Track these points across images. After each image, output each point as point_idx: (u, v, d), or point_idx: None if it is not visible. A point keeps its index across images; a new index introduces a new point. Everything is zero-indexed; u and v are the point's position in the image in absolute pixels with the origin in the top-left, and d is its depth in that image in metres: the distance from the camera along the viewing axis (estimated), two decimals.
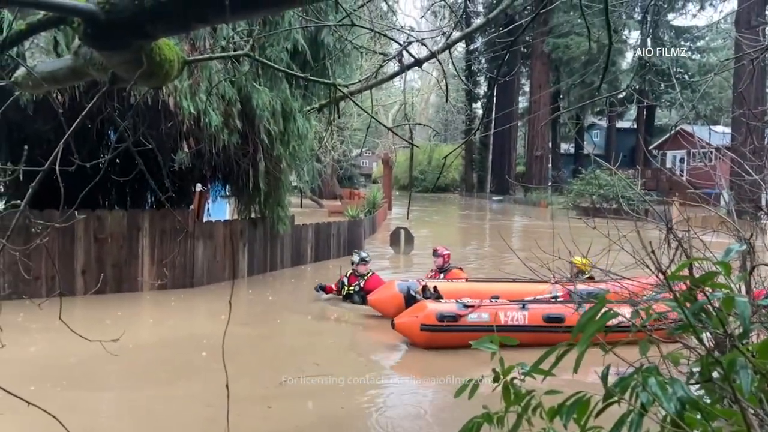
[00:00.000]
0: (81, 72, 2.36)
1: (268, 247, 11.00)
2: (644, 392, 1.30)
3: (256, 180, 9.12)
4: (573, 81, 33.65)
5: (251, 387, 5.12)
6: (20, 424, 4.07)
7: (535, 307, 6.51)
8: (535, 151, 41.31)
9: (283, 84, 8.80)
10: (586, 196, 26.68)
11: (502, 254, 13.68)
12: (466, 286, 7.94)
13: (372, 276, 8.69)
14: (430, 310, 6.33)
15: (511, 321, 6.34)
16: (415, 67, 3.20)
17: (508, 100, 43.86)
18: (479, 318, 6.27)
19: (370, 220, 18.48)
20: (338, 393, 5.15)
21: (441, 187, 54.53)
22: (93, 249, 8.74)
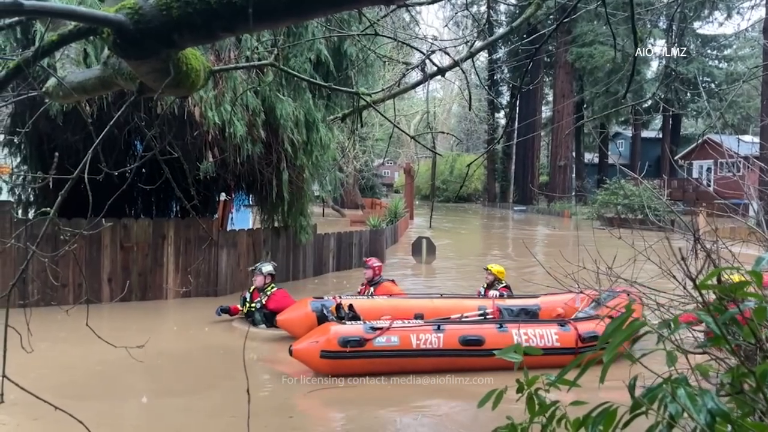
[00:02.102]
0: (110, 82, 2.41)
1: (290, 256, 11.05)
2: (673, 403, 1.27)
3: (279, 189, 9.19)
4: (597, 90, 33.41)
5: (273, 397, 5.12)
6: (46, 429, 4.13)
7: (451, 328, 5.88)
8: (559, 161, 40.98)
9: (307, 94, 8.87)
10: (610, 207, 26.37)
11: (525, 266, 13.57)
12: (388, 303, 7.24)
13: (276, 292, 7.56)
14: (331, 334, 5.55)
15: (424, 344, 5.64)
16: (438, 76, 3.20)
17: (531, 110, 43.64)
18: (388, 342, 5.56)
19: (392, 230, 18.47)
20: (365, 402, 5.11)
21: (463, 197, 54.38)
22: (119, 257, 8.87)
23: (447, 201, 52.92)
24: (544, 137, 50.07)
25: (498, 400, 1.95)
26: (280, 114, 8.38)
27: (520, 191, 48.09)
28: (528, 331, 5.90)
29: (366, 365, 5.48)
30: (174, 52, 1.83)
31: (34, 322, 6.54)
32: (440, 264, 14.38)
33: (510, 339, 5.72)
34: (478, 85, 41.93)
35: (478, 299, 7.52)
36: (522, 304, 7.45)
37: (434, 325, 5.87)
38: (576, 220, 29.00)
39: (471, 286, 11.27)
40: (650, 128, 48.19)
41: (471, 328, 5.94)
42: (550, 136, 45.36)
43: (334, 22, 4.68)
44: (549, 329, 5.98)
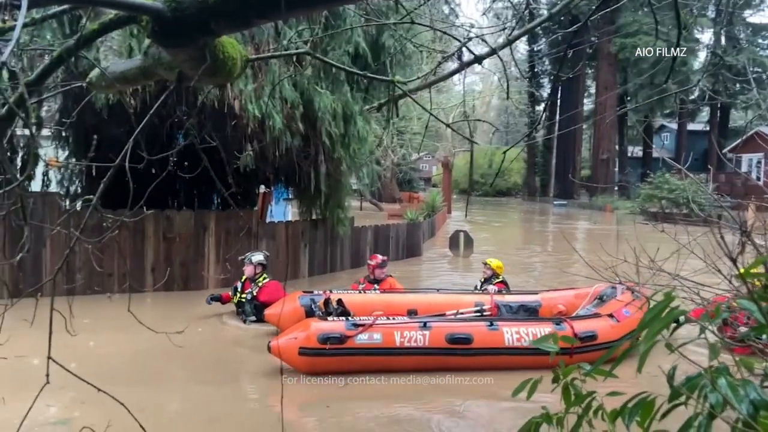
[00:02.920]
0: (150, 72, 2.45)
1: (328, 248, 11.13)
2: (714, 393, 1.23)
3: (317, 182, 9.26)
4: (641, 82, 32.57)
5: (312, 387, 5.15)
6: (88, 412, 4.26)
7: (438, 325, 5.61)
8: (601, 155, 40.13)
9: (345, 87, 8.89)
10: (654, 201, 25.74)
11: (564, 260, 13.37)
12: (381, 299, 7.00)
13: (267, 283, 7.33)
14: (311, 330, 5.34)
15: (408, 342, 5.40)
16: (475, 64, 3.16)
17: (572, 102, 42.82)
18: (370, 339, 5.34)
19: (429, 224, 18.41)
20: (403, 394, 5.10)
21: (502, 191, 53.82)
22: (162, 248, 9.09)
23: (485, 195, 52.44)
24: (586, 130, 49.10)
25: (533, 390, 1.93)
26: (319, 107, 8.42)
27: (560, 185, 47.31)
28: (521, 330, 5.62)
29: (346, 363, 5.28)
30: (210, 40, 1.85)
31: (81, 310, 6.77)
32: (478, 258, 14.28)
33: (500, 338, 5.54)
34: (518, 77, 41.44)
35: (475, 295, 7.27)
36: (522, 301, 7.21)
37: (420, 322, 5.61)
38: (618, 214, 28.39)
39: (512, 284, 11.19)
40: (697, 120, 46.79)
41: (459, 325, 5.68)
42: (592, 129, 44.44)
43: (372, 14, 4.67)
44: (543, 328, 5.69)
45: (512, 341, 5.55)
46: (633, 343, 1.46)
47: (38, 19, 1.87)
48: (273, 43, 8.12)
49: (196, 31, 1.73)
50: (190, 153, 2.76)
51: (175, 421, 4.58)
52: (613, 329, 5.76)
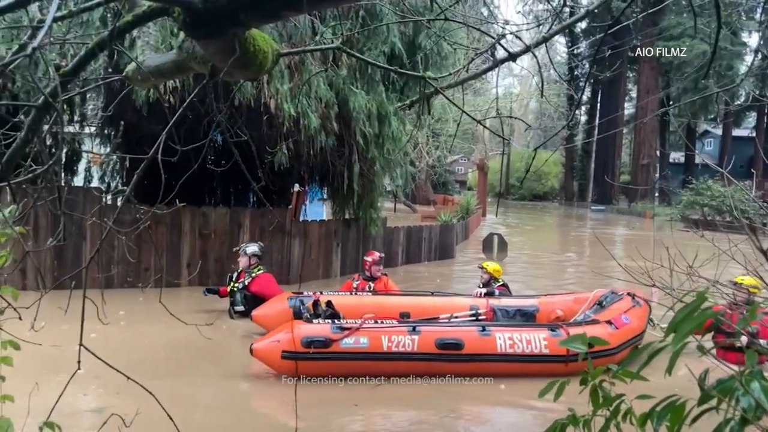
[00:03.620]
0: (184, 66, 2.49)
1: (360, 248, 11.15)
2: (746, 396, 1.18)
3: (350, 181, 9.29)
4: (685, 86, 31.80)
5: (343, 388, 5.11)
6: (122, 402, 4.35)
7: (428, 330, 5.41)
8: (642, 160, 39.31)
9: (380, 87, 8.91)
10: (696, 208, 25.08)
11: (599, 265, 13.12)
12: (373, 301, 6.79)
13: (261, 275, 7.23)
14: (295, 333, 5.17)
15: (396, 347, 5.21)
16: (510, 62, 3.12)
17: (613, 106, 42.04)
18: (356, 343, 5.15)
19: (463, 226, 18.30)
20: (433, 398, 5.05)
21: (539, 195, 53.18)
22: (198, 244, 9.24)
23: (522, 199, 51.90)
24: (627, 134, 48.19)
25: (560, 391, 1.89)
26: (353, 106, 8.45)
27: (599, 190, 46.52)
28: (514, 336, 5.42)
29: (331, 368, 5.12)
30: (240, 31, 1.87)
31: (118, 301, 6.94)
32: (512, 261, 14.13)
33: (492, 344, 5.35)
34: (557, 80, 40.87)
35: (471, 298, 7.04)
36: (519, 305, 6.98)
37: (409, 326, 5.42)
38: (658, 221, 27.75)
39: (542, 287, 11.04)
40: (743, 126, 45.45)
41: (450, 330, 5.49)
42: (633, 134, 43.58)
43: (408, 12, 4.67)
44: (538, 334, 5.49)
45: (505, 347, 5.35)
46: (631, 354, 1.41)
47: (75, 11, 1.92)
48: (310, 42, 8.19)
49: (227, 23, 1.75)
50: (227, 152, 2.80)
51: (204, 415, 4.64)
52: (610, 336, 5.55)
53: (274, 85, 7.66)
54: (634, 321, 5.93)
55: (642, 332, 6.01)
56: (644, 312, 6.28)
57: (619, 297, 6.51)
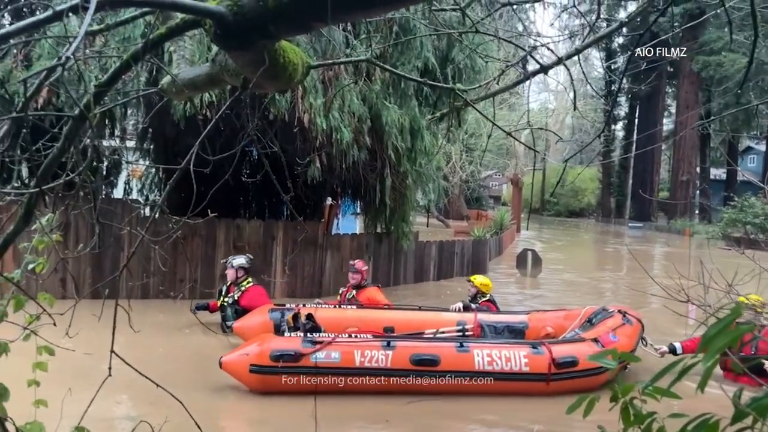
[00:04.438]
0: (217, 78, 2.54)
1: (392, 262, 11.14)
2: None
3: (382, 195, 9.31)
4: (726, 101, 31.07)
5: (375, 404, 5.03)
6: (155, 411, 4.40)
7: (403, 345, 5.24)
8: (681, 176, 38.46)
9: (412, 101, 8.94)
10: (738, 226, 24.38)
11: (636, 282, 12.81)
12: (356, 315, 6.59)
13: (250, 288, 7.08)
14: (264, 346, 5.04)
15: (369, 362, 5.03)
16: (541, 73, 3.10)
17: (651, 121, 41.39)
18: (327, 358, 4.98)
19: (497, 241, 18.14)
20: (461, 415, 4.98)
21: (575, 212, 52.50)
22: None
23: (558, 215, 51.27)
24: (666, 151, 47.26)
25: (590, 408, 1.84)
26: (386, 120, 8.49)
27: (637, 207, 45.66)
28: (492, 353, 5.24)
29: (300, 383, 4.96)
30: (270, 43, 1.89)
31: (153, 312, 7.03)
32: (546, 278, 13.93)
33: (470, 361, 5.17)
34: (594, 95, 40.37)
35: (459, 314, 6.82)
36: (508, 321, 6.78)
37: (384, 340, 5.27)
38: (698, 238, 27.04)
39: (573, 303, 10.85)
40: None
41: (426, 346, 5.35)
42: (672, 150, 42.71)
43: (440, 25, 4.68)
44: (518, 351, 5.31)
45: (483, 364, 5.18)
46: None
47: (111, 24, 1.98)
48: (343, 57, 8.28)
49: (256, 34, 1.77)
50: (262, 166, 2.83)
51: (232, 425, 4.66)
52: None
53: (308, 99, 7.75)
54: (623, 339, 5.70)
55: (631, 351, 5.72)
56: (635, 330, 6.03)
57: (609, 314, 6.27)
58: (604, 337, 5.60)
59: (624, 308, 6.44)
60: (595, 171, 52.89)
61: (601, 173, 51.52)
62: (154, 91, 2.97)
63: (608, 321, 6.06)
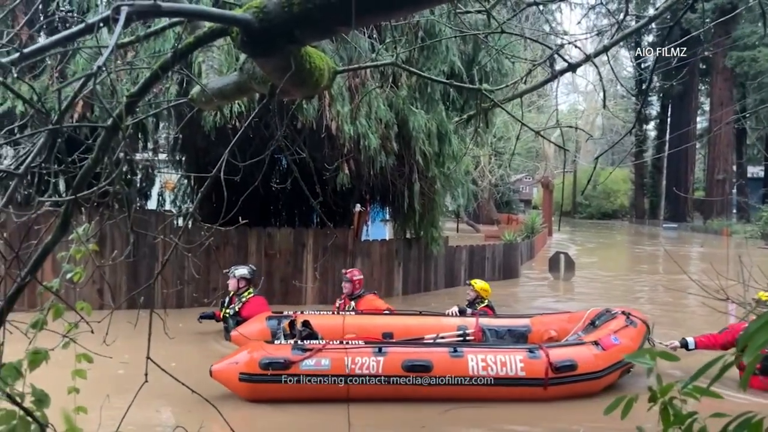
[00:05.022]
0: (245, 87, 2.57)
1: (422, 268, 11.12)
2: None
3: (411, 200, 9.30)
4: (762, 96, 30.28)
5: (412, 410, 4.98)
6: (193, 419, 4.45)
7: (395, 351, 5.14)
8: (717, 175, 37.57)
9: (439, 106, 8.93)
10: None
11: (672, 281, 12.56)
12: (355, 321, 6.46)
13: (252, 299, 6.98)
14: (253, 354, 4.97)
15: (360, 369, 4.94)
16: (569, 72, 3.07)
17: (684, 120, 40.58)
18: (317, 365, 4.90)
19: (528, 245, 17.96)
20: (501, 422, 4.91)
21: (608, 214, 51.66)
22: (263, 263, 9.45)
23: (590, 217, 50.53)
24: (700, 149, 46.24)
25: (628, 408, 1.80)
26: (413, 126, 8.50)
27: (671, 207, 44.73)
28: (488, 358, 5.12)
29: (290, 391, 4.88)
30: (296, 48, 1.91)
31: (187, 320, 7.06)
32: (580, 281, 13.72)
33: (464, 366, 5.05)
34: (624, 95, 39.75)
35: (460, 319, 6.69)
36: (510, 325, 6.62)
37: (375, 347, 5.17)
38: (736, 238, 26.36)
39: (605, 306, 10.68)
40: None
41: (419, 351, 5.23)
42: (707, 148, 41.78)
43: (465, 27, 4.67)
44: (514, 356, 5.18)
45: (477, 370, 5.05)
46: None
47: (142, 36, 2.02)
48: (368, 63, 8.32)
49: (282, 39, 1.80)
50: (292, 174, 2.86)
51: None
52: (596, 358, 5.25)
53: (335, 107, 7.81)
54: (625, 342, 5.53)
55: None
56: (639, 332, 5.85)
57: (612, 316, 6.10)
58: (605, 340, 5.46)
59: (629, 310, 6.28)
60: (627, 172, 52.03)
61: (633, 174, 50.63)
62: (184, 101, 3.04)
63: (611, 323, 5.90)
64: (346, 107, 7.94)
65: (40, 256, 1.99)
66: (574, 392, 5.12)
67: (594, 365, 5.22)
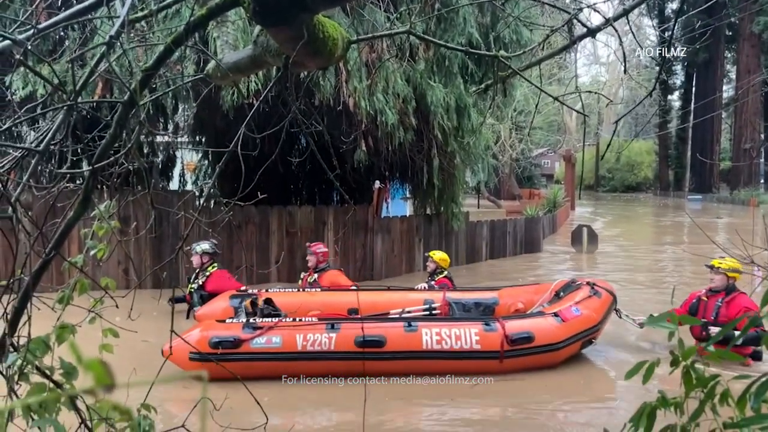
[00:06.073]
0: (259, 60, 2.56)
1: (443, 243, 11.11)
2: None
3: (430, 176, 9.25)
4: None
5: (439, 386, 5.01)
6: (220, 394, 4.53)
7: (348, 327, 5.10)
8: (744, 144, 36.77)
9: (458, 79, 8.82)
10: None
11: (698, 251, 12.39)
12: (320, 298, 6.37)
13: (214, 273, 6.88)
14: (203, 333, 4.93)
15: (312, 346, 4.93)
16: (589, 37, 3.00)
17: (710, 89, 39.62)
18: (268, 343, 4.87)
19: (550, 219, 17.82)
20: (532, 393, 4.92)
21: (631, 186, 51.01)
22: (285, 242, 9.53)
23: (614, 191, 49.94)
24: (726, 119, 45.23)
25: (649, 374, 1.79)
26: (431, 100, 8.41)
27: (697, 179, 43.96)
28: (442, 331, 5.11)
29: (241, 369, 4.63)
30: (308, 17, 1.90)
31: None
32: (603, 254, 13.60)
33: (418, 340, 5.04)
34: (647, 65, 38.89)
35: (427, 292, 6.64)
36: (477, 298, 6.53)
37: (328, 323, 5.14)
38: (764, 208, 25.84)
39: (631, 280, 10.60)
40: None
41: (372, 327, 5.17)
42: (733, 117, 40.83)
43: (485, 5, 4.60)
44: (469, 329, 5.14)
45: (431, 344, 5.04)
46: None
47: (154, 10, 2.02)
48: (387, 40, 8.24)
49: (294, 8, 1.78)
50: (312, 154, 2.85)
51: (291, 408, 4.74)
52: (554, 330, 5.19)
53: (352, 83, 7.76)
54: (587, 313, 5.46)
55: (596, 324, 5.49)
56: (603, 303, 5.75)
57: (577, 287, 6.01)
58: (565, 311, 5.40)
59: (595, 281, 6.21)
60: (651, 144, 51.18)
61: (657, 146, 49.79)
62: (200, 77, 3.04)
63: (576, 294, 5.82)
64: (363, 83, 7.88)
65: (63, 231, 2.02)
66: (532, 364, 5.11)
67: (552, 337, 5.19)
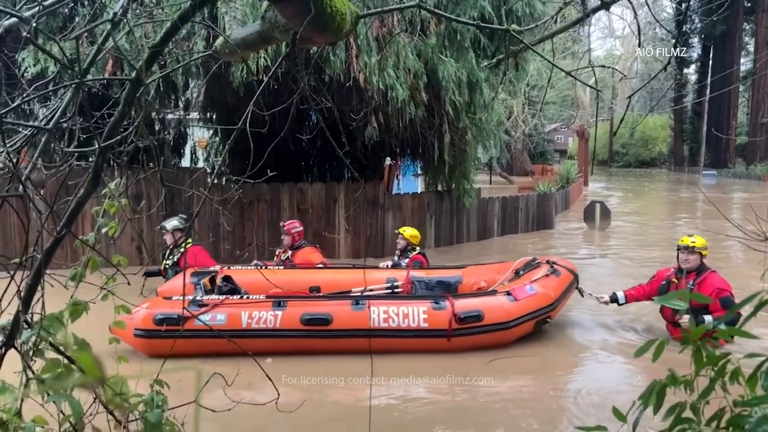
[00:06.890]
0: (267, 35, 2.54)
1: (454, 220, 11.09)
2: None
3: (441, 152, 9.19)
4: None
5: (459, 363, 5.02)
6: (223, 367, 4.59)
7: (295, 304, 5.13)
8: (761, 118, 36.15)
9: (469, 54, 8.71)
10: None
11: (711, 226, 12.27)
12: (281, 277, 6.26)
13: (189, 249, 6.75)
14: (149, 310, 4.93)
15: (257, 323, 4.95)
16: (603, 9, 2.94)
17: (727, 62, 38.87)
18: (213, 320, 4.90)
19: (563, 195, 17.70)
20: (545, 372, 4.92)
21: (646, 162, 50.40)
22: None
23: (628, 166, 49.42)
24: (743, 92, 44.42)
25: (659, 352, 1.78)
26: (442, 75, 8.32)
27: (712, 154, 43.39)
28: (390, 309, 5.10)
29: (185, 346, 4.80)
30: None
31: None
32: (615, 230, 13.52)
33: (365, 319, 5.01)
34: (663, 38, 38.18)
35: (391, 271, 6.57)
36: (441, 276, 6.48)
37: (275, 301, 5.15)
38: None
39: (642, 258, 10.54)
40: None
41: (319, 304, 5.21)
42: (751, 91, 40.10)
43: None
44: (418, 307, 5.15)
45: (378, 322, 5.03)
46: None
47: None
48: (398, 14, 8.13)
49: None
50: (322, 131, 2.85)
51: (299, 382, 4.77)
52: (505, 309, 5.15)
53: (362, 58, 7.69)
54: (543, 291, 5.41)
55: (551, 303, 5.43)
56: (561, 281, 5.71)
57: (536, 265, 5.97)
58: (518, 290, 5.36)
59: (556, 259, 6.18)
60: (666, 119, 50.44)
61: (672, 120, 49.06)
62: (208, 53, 3.02)
63: (534, 272, 5.77)
64: (374, 58, 7.81)
65: (74, 209, 2.03)
66: (481, 343, 5.08)
67: (502, 316, 5.14)
